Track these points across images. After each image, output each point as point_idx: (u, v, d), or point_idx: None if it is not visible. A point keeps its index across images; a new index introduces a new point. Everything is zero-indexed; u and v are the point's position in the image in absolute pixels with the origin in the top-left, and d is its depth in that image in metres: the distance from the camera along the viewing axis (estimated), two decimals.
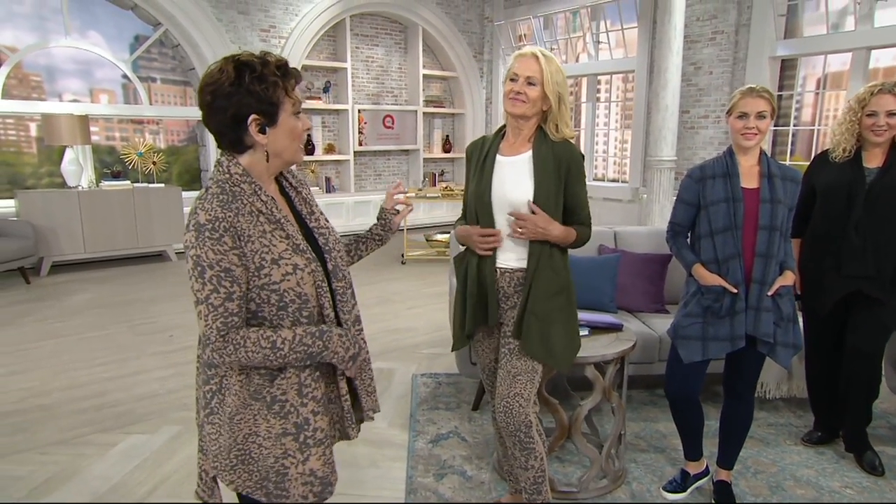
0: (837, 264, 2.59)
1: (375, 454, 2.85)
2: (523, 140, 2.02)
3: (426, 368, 3.87)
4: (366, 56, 8.72)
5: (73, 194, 6.22)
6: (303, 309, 1.36)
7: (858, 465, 2.72)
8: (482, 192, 2.01)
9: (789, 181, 2.24)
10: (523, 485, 2.09)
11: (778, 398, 3.28)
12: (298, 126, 1.39)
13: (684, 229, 2.42)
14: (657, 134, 6.31)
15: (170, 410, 3.27)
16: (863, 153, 2.61)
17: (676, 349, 2.37)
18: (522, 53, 1.95)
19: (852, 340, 2.64)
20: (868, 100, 2.52)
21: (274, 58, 1.35)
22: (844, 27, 6.07)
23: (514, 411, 1.98)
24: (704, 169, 2.32)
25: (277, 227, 1.34)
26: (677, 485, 2.53)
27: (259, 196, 1.34)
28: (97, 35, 7.23)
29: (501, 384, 2.02)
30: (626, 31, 7.83)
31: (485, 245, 2.00)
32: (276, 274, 1.32)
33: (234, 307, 1.29)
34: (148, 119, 7.53)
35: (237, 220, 1.29)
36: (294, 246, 1.35)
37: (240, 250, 1.29)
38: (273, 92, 1.32)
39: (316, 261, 1.39)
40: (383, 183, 9.16)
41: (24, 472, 2.68)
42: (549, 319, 1.98)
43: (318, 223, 1.48)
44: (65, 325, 4.67)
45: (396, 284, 6.02)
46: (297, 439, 1.41)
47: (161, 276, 6.27)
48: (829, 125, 6.34)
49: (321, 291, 1.39)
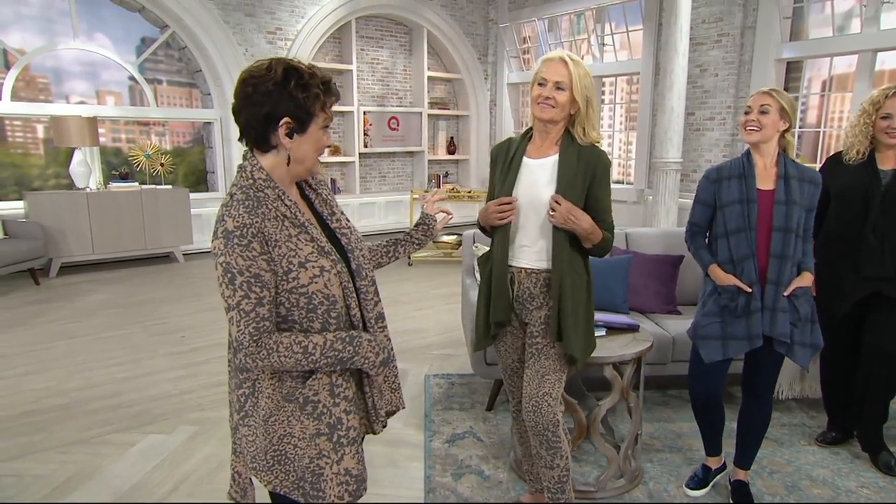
0: (856, 266, 2.61)
1: (392, 453, 2.87)
2: (550, 143, 2.04)
3: (438, 369, 3.89)
4: (371, 58, 8.75)
5: (81, 196, 6.24)
6: (331, 310, 1.38)
7: (874, 465, 2.74)
8: (508, 192, 2.03)
9: (807, 182, 2.24)
10: (546, 484, 2.11)
11: (791, 398, 3.30)
12: (324, 140, 1.42)
13: (702, 229, 2.45)
14: (663, 136, 6.33)
15: (185, 411, 3.29)
16: (877, 155, 2.63)
17: (697, 349, 2.40)
18: (550, 58, 1.97)
19: (872, 340, 2.66)
20: (882, 102, 2.55)
21: (321, 72, 1.39)
22: (850, 29, 6.09)
23: (542, 410, 2.01)
24: (721, 170, 2.35)
25: (302, 230, 1.36)
26: (699, 480, 2.56)
27: (283, 201, 1.36)
28: (104, 37, 7.25)
29: (529, 384, 2.04)
30: (631, 34, 7.86)
31: (500, 213, 2.01)
32: (303, 277, 1.33)
33: (265, 312, 1.31)
34: (154, 121, 7.55)
35: (264, 226, 1.31)
36: (319, 248, 1.37)
37: (268, 255, 1.31)
38: (312, 102, 1.36)
39: (341, 262, 1.41)
40: (388, 185, 9.18)
41: (46, 470, 2.70)
42: (579, 319, 2.01)
43: (339, 224, 1.51)
44: (77, 326, 4.69)
45: (405, 286, 6.05)
46: (331, 439, 1.42)
47: (169, 278, 6.29)
48: (835, 127, 6.37)
49: (347, 292, 1.42)
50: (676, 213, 6.46)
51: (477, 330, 2.21)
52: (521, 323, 2.14)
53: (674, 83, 6.17)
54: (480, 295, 2.17)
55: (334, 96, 1.41)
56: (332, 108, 1.42)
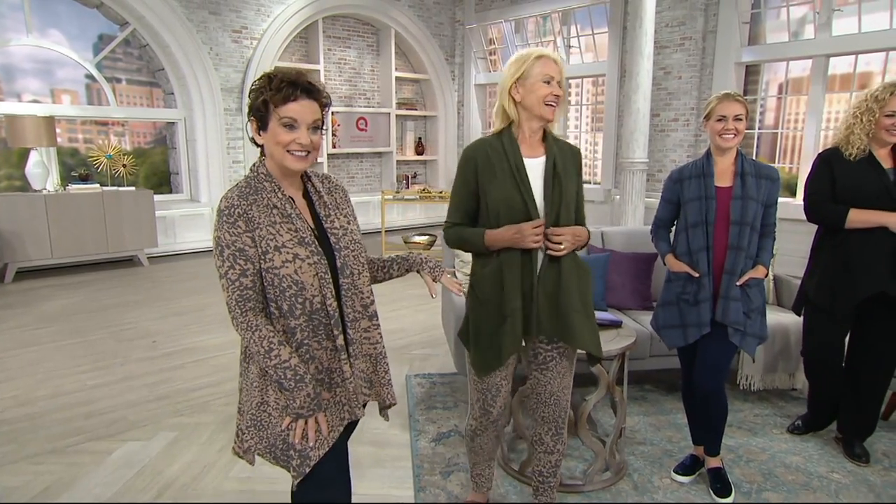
0: (866, 263, 2.62)
1: (378, 454, 2.87)
2: (538, 142, 2.02)
3: (419, 369, 3.90)
4: (338, 58, 8.69)
5: (38, 198, 6.02)
6: (299, 295, 1.51)
7: (845, 453, 2.84)
8: (526, 196, 1.94)
9: (764, 179, 2.40)
10: (541, 468, 2.20)
11: (762, 389, 3.42)
12: (281, 135, 1.50)
13: (665, 224, 2.65)
14: (629, 136, 6.47)
15: (163, 416, 3.21)
16: (874, 152, 2.64)
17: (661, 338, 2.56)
18: (546, 56, 1.94)
19: (883, 329, 2.72)
20: (888, 100, 2.54)
21: (285, 73, 1.52)
22: (804, 35, 6.35)
23: (562, 403, 2.11)
24: (682, 171, 2.54)
25: (287, 220, 1.52)
26: (686, 467, 2.65)
27: (276, 193, 1.53)
28: (58, 34, 7.01)
29: (551, 382, 2.08)
30: (597, 36, 8.01)
31: (538, 236, 1.91)
32: (277, 260, 1.49)
33: (248, 282, 1.49)
34: (113, 121, 7.34)
35: (250, 209, 1.49)
36: (300, 239, 1.52)
37: (251, 234, 1.48)
38: (260, 102, 1.51)
39: (321, 255, 1.54)
40: (357, 185, 9.13)
41: (20, 482, 2.61)
42: (589, 313, 2.05)
43: (332, 224, 1.61)
44: (41, 333, 4.52)
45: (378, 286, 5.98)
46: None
47: (134, 282, 6.12)
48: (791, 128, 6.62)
49: (324, 283, 1.54)
50: (643, 212, 6.60)
51: (481, 352, 2.05)
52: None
53: (639, 85, 6.31)
54: (481, 313, 2.04)
55: (288, 97, 1.49)
56: (286, 104, 1.49)
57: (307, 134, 1.51)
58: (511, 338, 1.98)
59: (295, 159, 1.52)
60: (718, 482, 2.53)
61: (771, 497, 2.53)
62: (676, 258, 2.51)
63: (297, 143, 1.51)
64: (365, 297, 1.64)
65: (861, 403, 2.82)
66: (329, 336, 1.57)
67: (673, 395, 3.46)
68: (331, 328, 1.57)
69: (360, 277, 1.63)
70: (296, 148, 1.51)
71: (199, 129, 7.43)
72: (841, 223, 2.66)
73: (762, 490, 2.57)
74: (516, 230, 1.91)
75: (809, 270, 2.86)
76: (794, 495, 2.54)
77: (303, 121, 1.50)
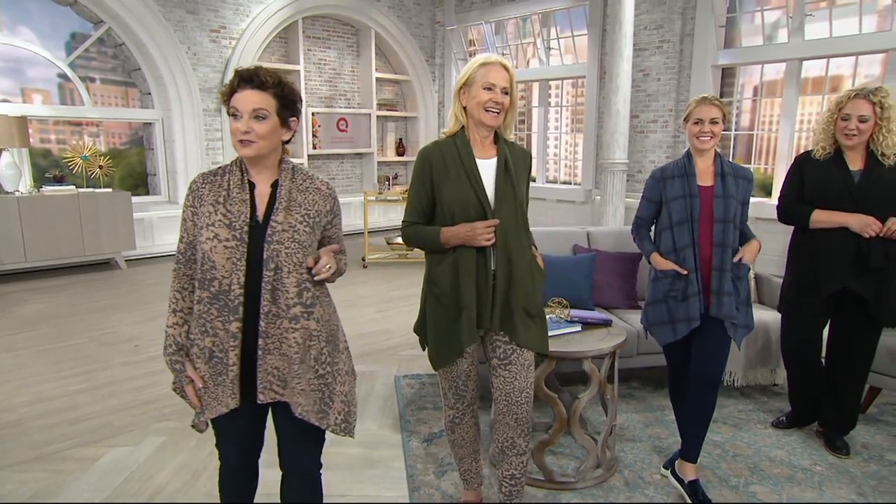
0: (829, 262, 2.72)
1: (371, 455, 2.87)
2: (490, 144, 2.11)
3: (407, 370, 3.90)
4: (318, 58, 8.64)
5: (11, 200, 5.88)
6: (209, 272, 1.64)
7: (827, 446, 2.92)
8: (480, 196, 2.02)
9: (741, 179, 2.51)
10: (513, 472, 2.20)
11: (745, 385, 3.50)
12: (231, 126, 1.65)
13: (646, 223, 2.71)
14: (609, 138, 6.56)
15: (150, 421, 3.17)
16: (845, 155, 2.73)
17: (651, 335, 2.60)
18: (491, 62, 2.00)
19: (856, 325, 2.80)
20: (845, 103, 2.66)
21: (243, 70, 1.64)
22: (778, 39, 6.50)
23: (531, 401, 2.13)
24: (665, 170, 2.60)
25: (226, 205, 1.65)
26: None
27: (237, 177, 1.68)
28: (29, 32, 6.85)
29: (517, 378, 2.10)
30: (576, 38, 8.09)
31: (490, 235, 1.99)
32: (202, 235, 1.64)
33: (182, 248, 1.72)
34: (87, 121, 7.19)
35: (203, 188, 1.68)
36: (229, 222, 1.63)
37: (195, 209, 1.67)
38: (222, 99, 1.67)
39: (243, 242, 1.62)
40: (338, 186, 9.07)
41: (5, 490, 2.55)
42: (536, 312, 2.12)
43: (276, 217, 1.65)
44: (18, 338, 4.42)
45: (361, 288, 6.01)
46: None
47: (112, 285, 6.01)
48: (766, 130, 6.76)
49: (236, 268, 1.62)
50: (623, 212, 6.70)
51: (439, 345, 2.12)
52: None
53: (619, 87, 6.40)
54: (438, 306, 2.09)
55: (234, 88, 1.62)
56: (232, 96, 1.62)
57: (247, 122, 1.60)
58: (467, 330, 2.04)
59: (242, 146, 1.63)
60: (698, 497, 2.47)
61: (758, 490, 2.59)
62: (662, 256, 2.56)
63: (239, 132, 1.61)
64: (290, 297, 1.65)
65: (840, 399, 2.90)
66: (226, 320, 1.64)
67: (659, 393, 3.52)
68: (228, 313, 1.63)
69: (290, 276, 1.64)
70: (240, 136, 1.62)
71: (177, 129, 7.32)
72: (805, 223, 2.78)
73: (749, 483, 2.64)
74: (469, 228, 1.98)
75: (786, 269, 2.97)
76: (780, 487, 2.61)
77: (244, 109, 1.60)
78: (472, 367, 2.18)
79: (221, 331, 1.65)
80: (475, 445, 2.38)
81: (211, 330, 1.66)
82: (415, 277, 6.16)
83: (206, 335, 1.66)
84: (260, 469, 1.94)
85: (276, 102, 1.63)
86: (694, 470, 2.54)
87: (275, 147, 1.68)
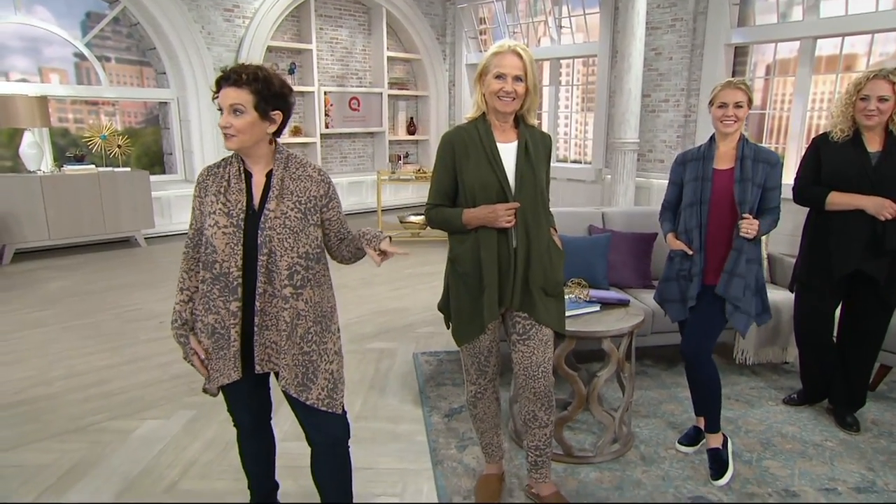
0: (845, 243, 2.76)
1: (394, 429, 2.98)
2: (510, 129, 2.17)
3: (425, 347, 4.00)
4: (330, 37, 8.63)
5: (34, 179, 5.98)
6: (211, 256, 1.79)
7: (837, 423, 3.00)
8: (501, 179, 2.09)
9: (762, 162, 2.51)
10: (537, 443, 2.31)
11: (757, 363, 3.58)
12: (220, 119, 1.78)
13: (671, 205, 2.77)
14: (620, 117, 6.56)
15: (180, 395, 3.29)
16: (863, 136, 2.74)
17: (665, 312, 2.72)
18: (502, 50, 2.05)
19: (868, 306, 2.86)
20: (864, 84, 2.66)
21: (228, 70, 1.75)
22: (792, 17, 6.45)
23: (549, 374, 2.22)
24: (687, 154, 2.67)
25: (226, 195, 1.79)
26: (691, 438, 2.79)
27: (235, 168, 1.82)
28: (45, 11, 6.89)
29: (535, 352, 2.19)
30: (588, 17, 8.04)
31: (510, 217, 2.07)
32: (206, 223, 1.81)
33: (191, 233, 1.88)
34: (103, 100, 7.25)
35: (208, 179, 1.83)
36: (227, 210, 1.78)
37: (201, 199, 1.84)
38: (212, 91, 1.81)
39: (239, 228, 1.77)
40: (349, 165, 9.15)
41: (48, 460, 2.68)
42: (554, 292, 2.21)
43: (269, 205, 1.78)
44: (45, 315, 4.55)
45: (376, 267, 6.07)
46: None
47: (132, 263, 6.13)
48: (778, 109, 6.75)
49: (234, 252, 1.77)
50: (634, 191, 6.73)
51: (462, 321, 2.20)
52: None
53: (631, 66, 6.39)
54: (461, 284, 2.19)
55: (219, 86, 1.74)
56: (220, 90, 1.74)
57: (226, 117, 1.74)
58: (489, 307, 2.13)
59: (225, 139, 1.78)
60: (715, 463, 2.58)
61: (770, 464, 2.69)
62: (677, 237, 2.64)
63: (221, 126, 1.76)
64: (283, 278, 1.79)
65: (850, 377, 2.98)
66: (227, 300, 1.79)
67: (672, 371, 3.61)
68: (228, 293, 1.78)
69: (282, 259, 1.78)
70: (223, 130, 1.76)
71: (192, 109, 7.38)
72: (821, 205, 2.81)
73: (762, 459, 2.73)
74: (490, 210, 2.07)
75: (800, 249, 3.02)
76: (792, 462, 2.70)
77: (224, 105, 1.73)
78: (493, 344, 2.27)
79: (223, 310, 1.80)
80: (496, 420, 2.47)
81: (213, 308, 1.81)
82: (428, 256, 6.26)
83: (209, 312, 1.82)
84: (274, 430, 2.16)
85: (253, 98, 1.72)
86: (717, 438, 2.63)
87: (258, 139, 1.78)
